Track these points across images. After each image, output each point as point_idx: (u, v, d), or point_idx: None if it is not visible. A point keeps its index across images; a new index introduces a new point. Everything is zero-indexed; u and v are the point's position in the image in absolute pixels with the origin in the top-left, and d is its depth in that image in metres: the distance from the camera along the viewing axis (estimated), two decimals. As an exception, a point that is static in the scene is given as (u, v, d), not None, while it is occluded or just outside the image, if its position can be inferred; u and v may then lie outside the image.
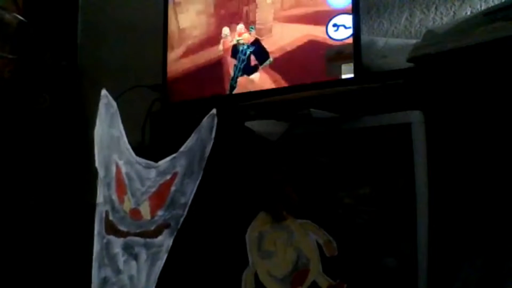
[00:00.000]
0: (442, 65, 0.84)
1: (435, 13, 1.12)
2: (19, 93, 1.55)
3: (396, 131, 0.84)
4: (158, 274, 0.49)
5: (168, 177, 0.50)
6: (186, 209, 0.50)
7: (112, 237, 0.47)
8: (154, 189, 0.49)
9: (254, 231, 0.91)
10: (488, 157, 0.80)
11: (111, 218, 0.47)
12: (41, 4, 1.69)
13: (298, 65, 1.09)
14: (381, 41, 1.06)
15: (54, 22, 1.71)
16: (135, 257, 0.48)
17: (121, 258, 0.48)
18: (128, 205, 0.48)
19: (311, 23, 1.07)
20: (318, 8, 1.07)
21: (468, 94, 0.82)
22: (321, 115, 0.89)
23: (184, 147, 0.50)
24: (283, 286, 0.87)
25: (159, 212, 0.49)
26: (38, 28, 1.62)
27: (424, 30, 0.96)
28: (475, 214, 0.79)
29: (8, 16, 1.54)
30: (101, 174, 0.45)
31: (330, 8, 1.05)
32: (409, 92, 0.88)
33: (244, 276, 0.90)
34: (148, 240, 0.49)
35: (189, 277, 0.97)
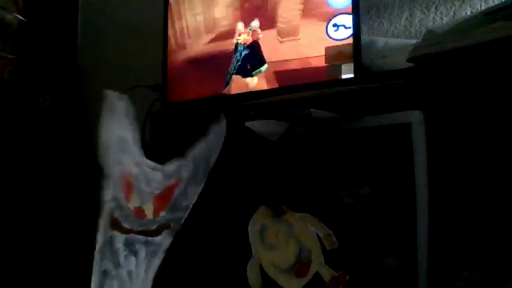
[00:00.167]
0: (442, 65, 0.84)
1: (435, 13, 1.12)
2: (19, 93, 1.55)
3: (396, 131, 0.84)
4: (155, 272, 0.50)
5: (173, 181, 0.51)
6: (188, 212, 0.51)
7: (115, 233, 0.49)
8: (159, 191, 0.51)
9: (256, 224, 0.92)
10: (488, 157, 0.80)
11: (116, 216, 0.49)
12: (41, 4, 1.69)
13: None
14: (381, 41, 1.06)
15: (54, 22, 1.71)
16: (135, 254, 0.50)
17: (122, 253, 0.49)
18: (133, 204, 0.50)
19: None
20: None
21: (468, 94, 0.82)
22: (321, 115, 0.89)
23: (192, 154, 0.51)
24: (288, 277, 0.87)
25: (162, 213, 0.51)
26: (38, 28, 1.62)
27: (424, 30, 0.96)
28: (475, 214, 0.79)
29: (9, 17, 1.54)
30: (109, 173, 0.46)
31: (330, 8, 1.05)
32: (409, 92, 0.88)
33: (249, 267, 0.90)
34: (149, 239, 0.50)
35: (193, 272, 0.98)
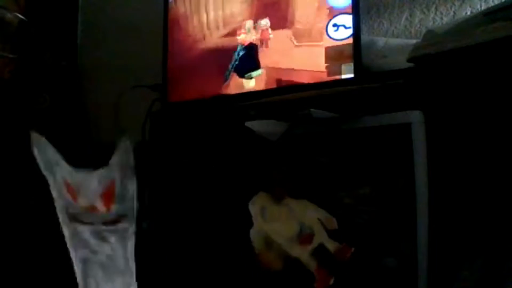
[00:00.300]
0: (442, 65, 0.84)
1: (435, 13, 1.12)
2: (19, 93, 1.55)
3: (396, 131, 0.84)
4: (134, 252, 0.51)
5: (109, 182, 0.52)
6: (135, 200, 0.53)
7: (78, 225, 0.49)
8: (101, 190, 0.52)
9: (256, 205, 0.93)
10: (488, 157, 0.80)
11: (71, 211, 0.49)
12: (42, 4, 1.69)
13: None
14: (381, 41, 1.06)
15: (54, 22, 1.71)
16: (106, 240, 0.51)
17: (94, 242, 0.50)
18: (83, 203, 0.51)
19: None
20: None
21: (468, 94, 0.82)
22: (321, 115, 0.89)
23: (112, 161, 0.54)
24: (292, 243, 0.88)
25: (113, 206, 0.52)
26: (38, 28, 1.62)
27: (424, 30, 0.96)
28: (475, 214, 0.79)
29: (10, 16, 1.54)
30: (50, 180, 0.47)
31: (330, 8, 1.05)
32: (409, 92, 0.88)
33: (252, 233, 0.92)
34: (111, 227, 0.51)
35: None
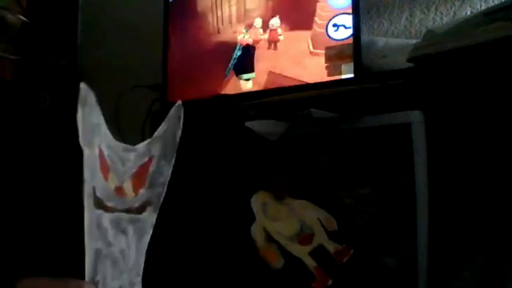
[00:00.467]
0: (442, 65, 0.84)
1: (435, 13, 1.12)
2: (20, 93, 1.55)
3: (396, 131, 0.84)
4: (146, 248, 0.51)
5: (146, 159, 0.52)
6: (165, 187, 0.52)
7: (101, 212, 0.49)
8: (134, 170, 0.52)
9: (258, 201, 0.93)
10: (488, 157, 0.80)
11: (98, 195, 0.49)
12: (42, 4, 1.69)
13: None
14: (381, 41, 1.06)
15: (55, 23, 1.71)
16: (124, 232, 0.50)
17: (111, 232, 0.50)
18: (113, 183, 0.50)
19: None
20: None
21: (468, 94, 0.82)
22: (321, 115, 0.89)
23: (157, 134, 0.53)
24: (292, 242, 0.88)
25: (141, 191, 0.52)
26: (39, 28, 1.62)
27: (424, 30, 0.96)
28: (475, 214, 0.79)
29: (12, 17, 1.54)
30: (86, 153, 0.46)
31: (330, 8, 1.05)
32: (409, 92, 0.88)
33: (253, 230, 0.92)
34: (133, 216, 0.51)
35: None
